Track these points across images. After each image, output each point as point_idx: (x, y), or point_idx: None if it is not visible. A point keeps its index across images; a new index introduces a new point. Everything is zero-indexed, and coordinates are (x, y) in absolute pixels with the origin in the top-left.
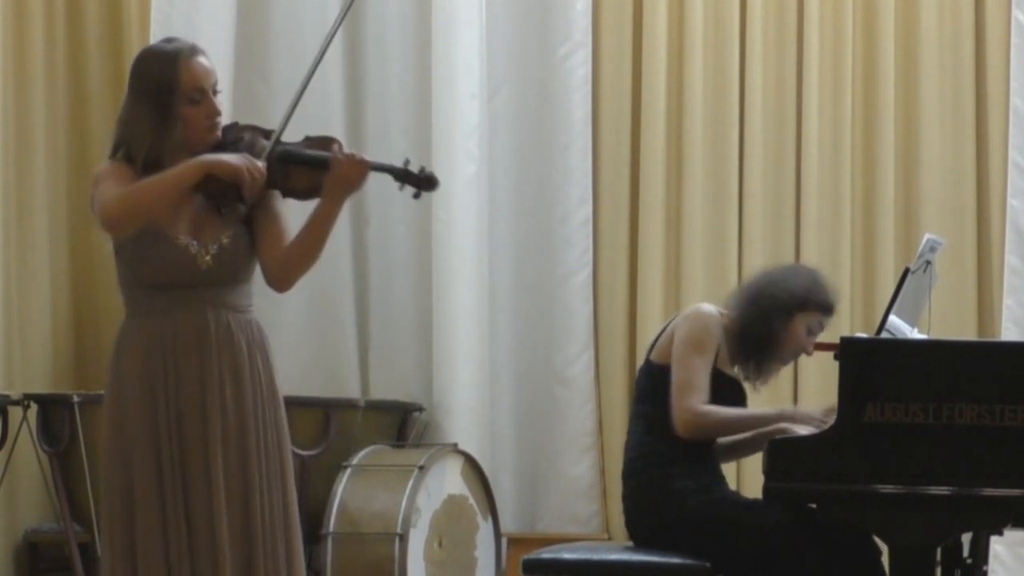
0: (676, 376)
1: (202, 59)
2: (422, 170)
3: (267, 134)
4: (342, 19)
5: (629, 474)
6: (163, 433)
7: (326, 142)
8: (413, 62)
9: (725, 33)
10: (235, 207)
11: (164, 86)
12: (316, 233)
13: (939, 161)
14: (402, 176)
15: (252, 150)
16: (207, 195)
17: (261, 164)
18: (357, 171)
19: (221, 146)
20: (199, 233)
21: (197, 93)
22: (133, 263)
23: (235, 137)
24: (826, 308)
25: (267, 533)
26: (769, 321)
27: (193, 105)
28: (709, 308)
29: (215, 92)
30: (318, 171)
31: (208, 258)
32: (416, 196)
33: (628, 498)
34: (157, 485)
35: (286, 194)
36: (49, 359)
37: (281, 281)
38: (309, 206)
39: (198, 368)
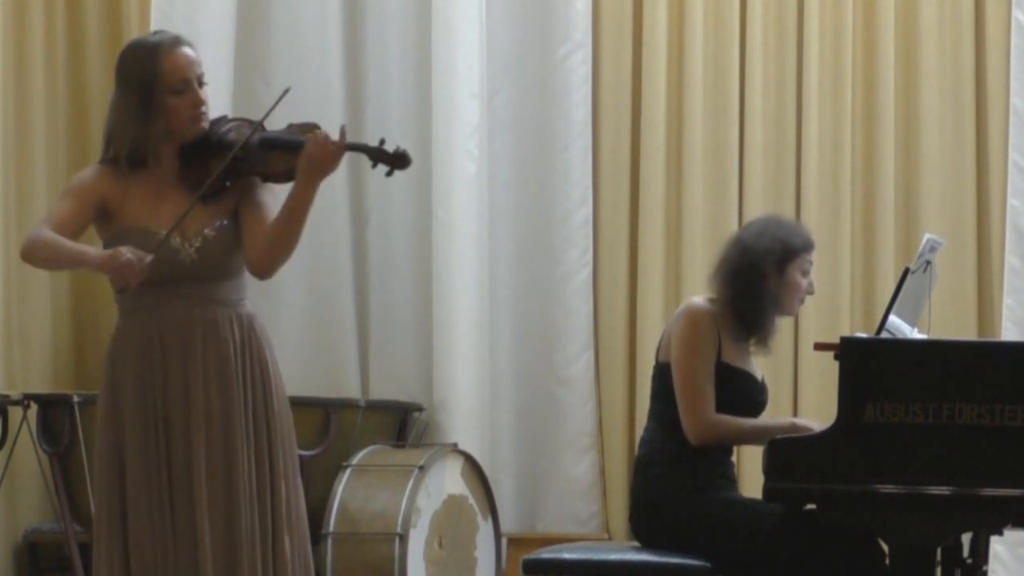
0: (679, 383)
1: (186, 49)
2: (396, 149)
3: (252, 124)
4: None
5: (637, 471)
6: (151, 434)
7: (307, 128)
8: (413, 62)
9: (725, 33)
10: (219, 199)
11: (146, 77)
12: (292, 216)
13: (939, 161)
14: (375, 155)
15: (229, 141)
16: (194, 187)
17: (143, 256)
18: (328, 151)
19: (207, 138)
20: (182, 227)
21: (181, 84)
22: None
23: (222, 129)
24: (808, 246)
25: (253, 538)
26: (764, 285)
27: (177, 96)
28: (698, 303)
29: (201, 83)
30: (295, 154)
31: (192, 251)
32: (388, 174)
33: (632, 495)
34: (146, 486)
35: (265, 179)
36: (49, 359)
37: (260, 268)
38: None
39: (182, 365)
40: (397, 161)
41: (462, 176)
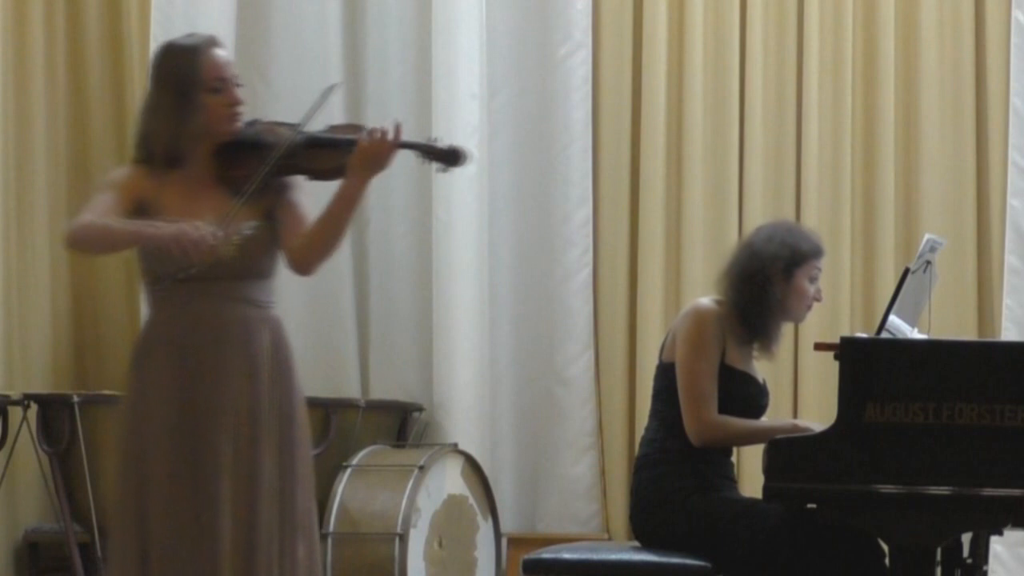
0: (682, 383)
1: (221, 51)
2: (449, 145)
3: (290, 126)
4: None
5: (637, 470)
6: (178, 430)
7: (353, 128)
8: (413, 62)
9: (725, 33)
10: (260, 198)
11: (186, 77)
12: (339, 212)
13: (939, 161)
14: (427, 152)
15: (271, 140)
16: (230, 186)
17: (215, 231)
18: (383, 148)
19: (244, 138)
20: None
21: (218, 82)
22: (156, 255)
23: (258, 129)
24: (817, 253)
25: (270, 541)
26: (771, 291)
27: (214, 94)
28: (706, 304)
29: (236, 83)
30: (343, 153)
31: (233, 248)
32: (443, 170)
33: (632, 494)
34: (169, 482)
35: (314, 177)
36: (49, 359)
37: (303, 264)
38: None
39: (213, 363)
40: (450, 157)
41: (462, 176)
